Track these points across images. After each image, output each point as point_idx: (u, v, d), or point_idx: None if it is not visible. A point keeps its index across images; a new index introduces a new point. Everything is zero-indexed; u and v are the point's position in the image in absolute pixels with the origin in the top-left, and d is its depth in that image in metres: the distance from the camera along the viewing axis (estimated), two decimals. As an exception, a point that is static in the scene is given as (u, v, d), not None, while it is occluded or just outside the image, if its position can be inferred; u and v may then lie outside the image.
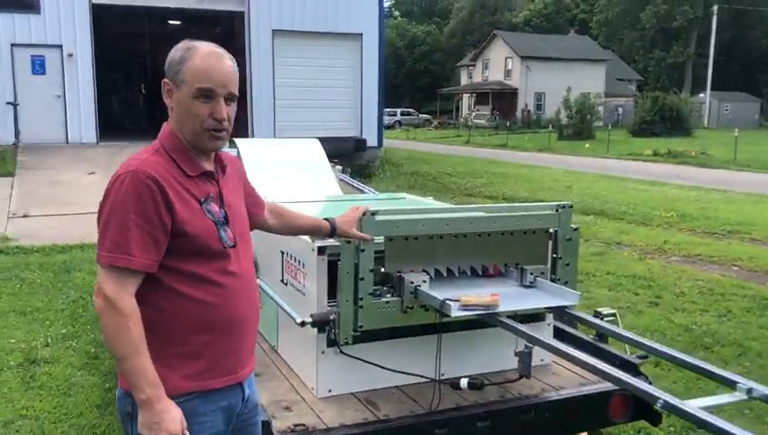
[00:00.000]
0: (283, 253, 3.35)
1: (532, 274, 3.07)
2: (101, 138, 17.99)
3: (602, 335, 3.38)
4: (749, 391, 2.07)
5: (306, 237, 2.92)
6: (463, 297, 2.69)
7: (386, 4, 78.24)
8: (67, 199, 11.71)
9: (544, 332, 3.34)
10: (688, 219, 12.27)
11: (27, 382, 4.65)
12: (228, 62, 2.00)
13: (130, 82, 29.66)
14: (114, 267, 1.84)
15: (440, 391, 2.84)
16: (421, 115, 58.29)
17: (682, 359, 2.40)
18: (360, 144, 20.09)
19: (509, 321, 2.68)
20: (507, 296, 2.84)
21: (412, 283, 2.83)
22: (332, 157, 5.40)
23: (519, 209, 3.15)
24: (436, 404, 2.82)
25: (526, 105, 51.62)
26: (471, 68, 60.54)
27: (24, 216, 10.79)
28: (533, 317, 3.25)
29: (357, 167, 17.33)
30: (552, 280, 3.11)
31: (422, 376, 2.94)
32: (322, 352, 2.92)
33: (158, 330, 1.90)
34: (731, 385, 2.14)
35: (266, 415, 2.71)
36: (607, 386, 2.93)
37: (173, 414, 1.85)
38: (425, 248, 2.92)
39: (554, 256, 3.15)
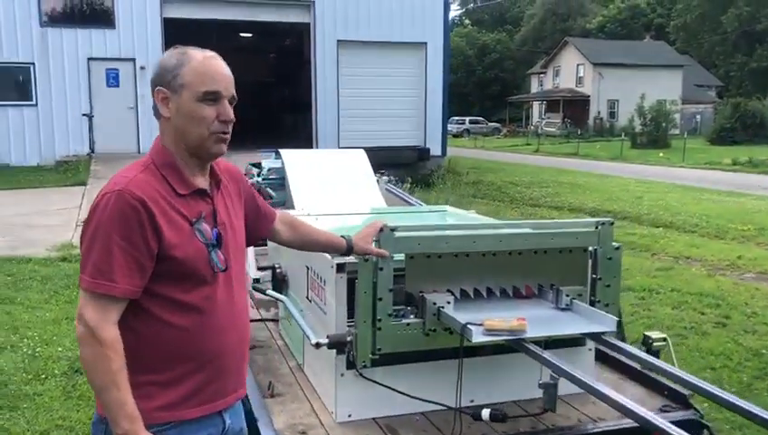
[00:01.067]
0: (307, 268, 3.24)
1: (568, 296, 2.84)
2: (171, 148, 18.46)
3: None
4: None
5: (327, 254, 2.80)
6: (487, 321, 2.50)
7: (456, 14, 78.43)
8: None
9: (585, 357, 3.11)
10: (767, 233, 11.57)
11: (68, 392, 4.70)
12: (225, 64, 1.94)
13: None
14: (96, 293, 1.75)
15: (461, 420, 2.65)
16: (490, 123, 57.65)
17: (727, 400, 2.13)
18: (423, 154, 20.00)
19: (535, 348, 2.47)
20: (538, 320, 2.63)
21: (435, 304, 2.66)
22: (395, 167, 5.29)
23: (555, 226, 2.95)
24: (458, 434, 2.63)
25: (599, 113, 50.39)
26: (542, 75, 59.63)
27: (92, 224, 11.11)
28: (573, 341, 3.03)
29: (419, 176, 17.19)
30: (591, 302, 2.88)
31: (440, 404, 2.76)
32: (342, 375, 2.77)
33: (136, 356, 1.79)
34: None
35: (277, 440, 2.60)
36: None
37: None
38: (449, 267, 2.74)
39: (594, 276, 2.92)
